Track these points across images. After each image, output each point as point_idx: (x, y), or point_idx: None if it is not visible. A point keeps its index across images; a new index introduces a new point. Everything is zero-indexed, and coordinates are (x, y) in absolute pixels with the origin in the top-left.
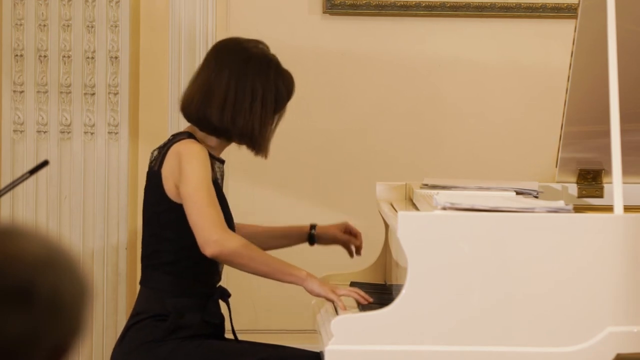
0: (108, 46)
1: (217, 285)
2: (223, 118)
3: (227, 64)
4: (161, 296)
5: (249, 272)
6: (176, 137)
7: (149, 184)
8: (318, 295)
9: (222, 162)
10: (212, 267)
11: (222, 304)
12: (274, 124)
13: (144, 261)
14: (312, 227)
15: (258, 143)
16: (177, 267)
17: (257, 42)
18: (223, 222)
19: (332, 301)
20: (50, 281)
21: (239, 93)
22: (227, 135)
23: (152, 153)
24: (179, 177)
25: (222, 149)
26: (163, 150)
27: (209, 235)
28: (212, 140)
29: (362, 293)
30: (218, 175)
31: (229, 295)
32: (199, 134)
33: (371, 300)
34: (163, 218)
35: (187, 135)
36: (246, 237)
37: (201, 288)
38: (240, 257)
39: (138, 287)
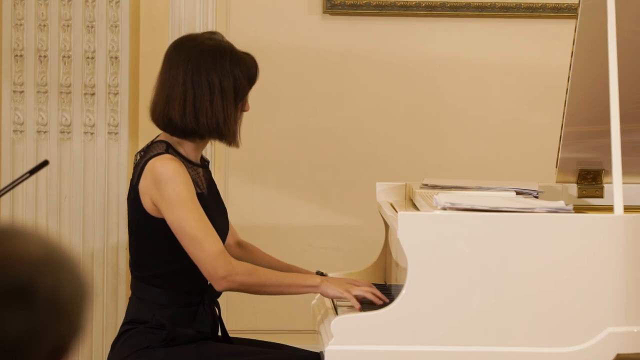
0: (108, 46)
1: (207, 285)
2: (185, 118)
3: (180, 63)
4: (152, 308)
5: (263, 295)
6: (152, 149)
7: (130, 197)
8: (334, 297)
9: (205, 165)
10: (198, 274)
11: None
12: (238, 112)
13: (131, 269)
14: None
15: (225, 135)
16: (164, 279)
17: (210, 34)
18: (222, 249)
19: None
20: (50, 281)
21: (197, 90)
22: (195, 135)
23: (135, 157)
24: (160, 201)
25: (200, 150)
26: (142, 160)
27: (215, 272)
28: (188, 145)
29: (377, 292)
30: (200, 186)
31: (218, 295)
32: (173, 140)
33: (387, 300)
34: (144, 232)
35: (165, 146)
36: (255, 262)
37: (190, 297)
38: (250, 287)
39: None
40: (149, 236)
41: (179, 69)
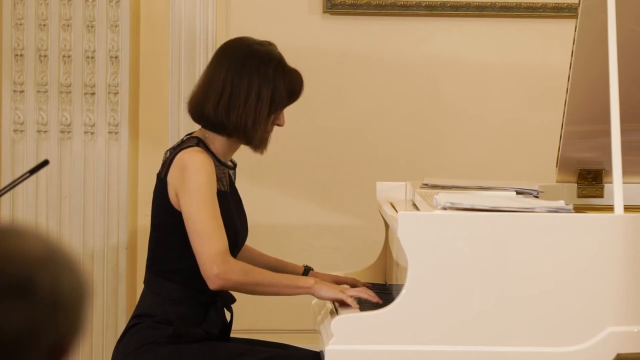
0: (108, 46)
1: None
2: (218, 111)
3: (227, 61)
4: (163, 303)
5: (257, 295)
6: (185, 143)
7: (157, 189)
8: (328, 299)
9: (233, 167)
10: None
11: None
12: (270, 121)
13: (148, 263)
14: (305, 271)
15: (251, 137)
16: (180, 275)
17: (264, 42)
18: (224, 249)
19: (342, 300)
20: (49, 279)
21: (235, 87)
22: (224, 130)
23: (165, 153)
24: (181, 190)
25: (232, 152)
26: (172, 154)
27: (210, 269)
28: (220, 141)
29: (371, 292)
30: (225, 185)
31: (232, 301)
32: (209, 136)
33: (380, 301)
34: (168, 225)
35: (196, 141)
36: (244, 259)
37: (204, 297)
38: (244, 286)
39: (138, 287)
40: (171, 230)
41: (222, 67)
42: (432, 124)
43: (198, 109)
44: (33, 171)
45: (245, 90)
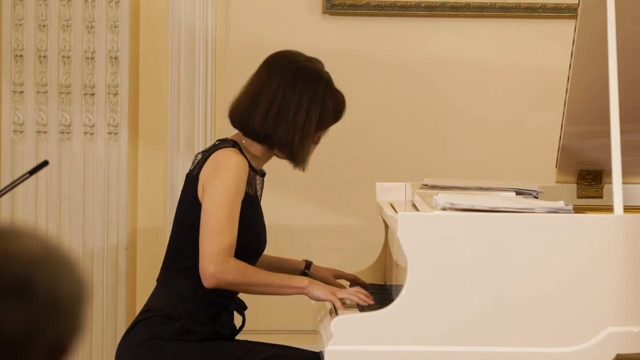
0: (108, 46)
1: (236, 295)
2: (265, 123)
3: (277, 74)
4: (175, 299)
5: (252, 294)
6: (221, 144)
7: (185, 187)
8: (319, 300)
9: (263, 175)
10: None
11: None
12: (315, 139)
13: (166, 261)
14: (307, 265)
15: (296, 153)
16: (196, 272)
17: (312, 59)
18: (226, 249)
19: (332, 302)
20: (48, 279)
21: (285, 102)
22: (268, 141)
23: (196, 156)
24: (208, 184)
25: (265, 159)
26: (205, 155)
27: (207, 266)
28: (257, 149)
29: (363, 295)
30: (254, 189)
31: (245, 307)
32: (245, 141)
33: (372, 302)
34: (191, 221)
35: (232, 143)
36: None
37: (217, 298)
38: (239, 286)
39: (138, 287)
40: (193, 226)
41: (273, 78)
42: (432, 124)
43: (243, 116)
44: (33, 172)
45: (295, 106)
